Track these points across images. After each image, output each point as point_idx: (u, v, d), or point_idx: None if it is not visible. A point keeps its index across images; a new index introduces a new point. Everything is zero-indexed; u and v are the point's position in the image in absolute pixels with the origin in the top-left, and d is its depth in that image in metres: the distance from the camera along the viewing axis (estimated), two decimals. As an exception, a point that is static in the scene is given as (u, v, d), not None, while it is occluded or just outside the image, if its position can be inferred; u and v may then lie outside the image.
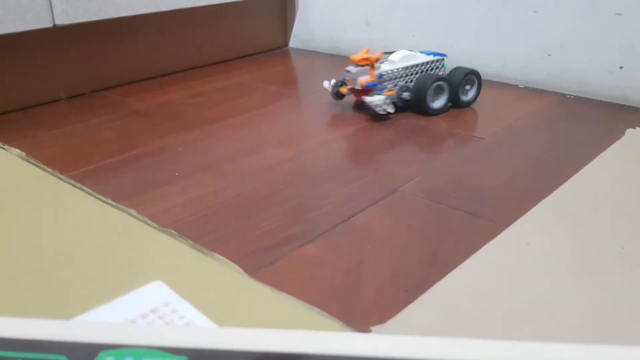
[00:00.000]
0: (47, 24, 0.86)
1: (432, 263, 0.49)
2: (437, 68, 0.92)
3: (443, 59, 0.93)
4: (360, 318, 0.41)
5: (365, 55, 0.84)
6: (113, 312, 0.24)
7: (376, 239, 0.53)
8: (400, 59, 0.88)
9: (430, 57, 0.91)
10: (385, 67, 0.86)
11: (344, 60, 1.22)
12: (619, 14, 0.88)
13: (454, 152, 0.73)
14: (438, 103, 0.87)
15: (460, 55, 1.07)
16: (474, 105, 0.91)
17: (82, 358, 0.21)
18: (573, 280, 0.40)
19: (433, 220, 0.56)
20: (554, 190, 0.55)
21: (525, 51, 0.99)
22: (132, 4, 0.95)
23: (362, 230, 0.55)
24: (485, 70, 1.05)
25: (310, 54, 1.28)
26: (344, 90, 0.89)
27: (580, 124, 0.83)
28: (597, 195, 0.54)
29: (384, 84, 0.86)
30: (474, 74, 0.90)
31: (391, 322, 0.34)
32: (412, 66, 0.89)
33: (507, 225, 0.53)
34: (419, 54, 0.92)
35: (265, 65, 1.18)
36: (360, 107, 0.91)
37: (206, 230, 0.55)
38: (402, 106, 0.88)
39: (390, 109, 0.84)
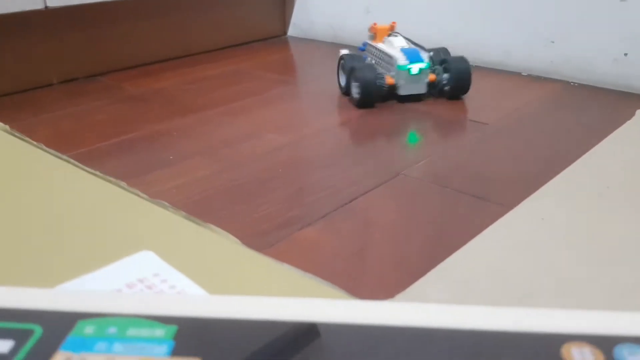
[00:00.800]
0: (39, 5, 0.83)
1: (438, 246, 0.47)
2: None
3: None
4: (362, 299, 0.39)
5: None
6: (97, 281, 0.22)
7: (379, 222, 0.51)
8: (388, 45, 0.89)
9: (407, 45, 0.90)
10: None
11: (344, 48, 1.20)
12: (624, 1, 0.86)
13: (457, 137, 0.71)
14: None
15: (463, 43, 1.05)
16: (477, 92, 0.89)
17: (58, 328, 0.19)
18: (589, 254, 0.39)
19: (438, 204, 0.54)
20: (566, 168, 0.53)
21: (529, 39, 0.97)
22: (127, -13, 0.93)
23: (364, 213, 0.53)
24: (489, 58, 1.03)
25: (310, 43, 1.26)
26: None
27: (584, 111, 0.81)
28: (609, 173, 0.52)
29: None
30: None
31: (399, 297, 0.32)
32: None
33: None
34: (410, 43, 0.90)
35: (264, 53, 1.16)
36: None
37: (202, 213, 0.52)
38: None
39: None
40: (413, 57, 0.82)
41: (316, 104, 0.84)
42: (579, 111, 0.80)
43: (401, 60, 0.81)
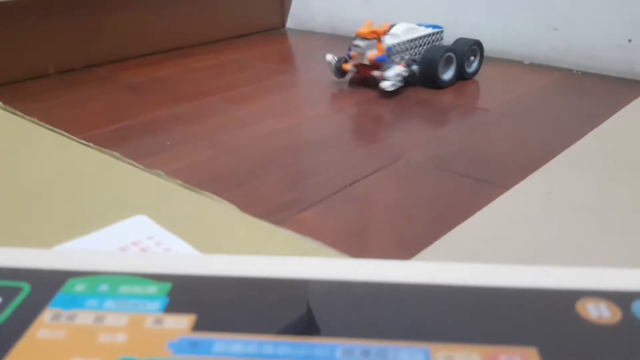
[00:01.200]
0: (35, -8, 0.82)
1: (440, 227, 0.46)
2: (437, 40, 0.90)
3: (442, 31, 0.91)
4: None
5: (373, 29, 0.80)
6: (89, 244, 0.21)
7: (380, 204, 0.50)
8: (403, 32, 0.85)
9: (431, 30, 0.89)
10: (390, 41, 0.83)
11: (343, 39, 1.19)
12: (628, -14, 0.85)
13: (459, 122, 0.70)
14: (447, 75, 0.84)
15: (463, 30, 1.04)
16: (478, 80, 0.88)
17: (47, 286, 0.18)
18: (597, 228, 0.38)
19: (440, 187, 0.53)
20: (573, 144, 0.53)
21: (531, 25, 0.96)
22: (124, -24, 0.92)
23: (365, 196, 0.52)
24: (489, 45, 1.02)
25: (308, 34, 1.25)
26: (347, 66, 0.85)
27: (587, 97, 0.80)
28: (617, 148, 0.51)
29: (392, 57, 0.82)
30: (477, 44, 0.87)
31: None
32: (415, 39, 0.86)
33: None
34: (419, 26, 0.89)
35: (263, 44, 1.15)
36: (362, 83, 0.88)
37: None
38: (410, 80, 0.84)
39: (401, 83, 0.80)
40: None
41: (315, 91, 0.84)
42: (583, 98, 0.79)
43: None
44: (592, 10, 0.89)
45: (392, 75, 0.79)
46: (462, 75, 0.86)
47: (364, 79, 0.86)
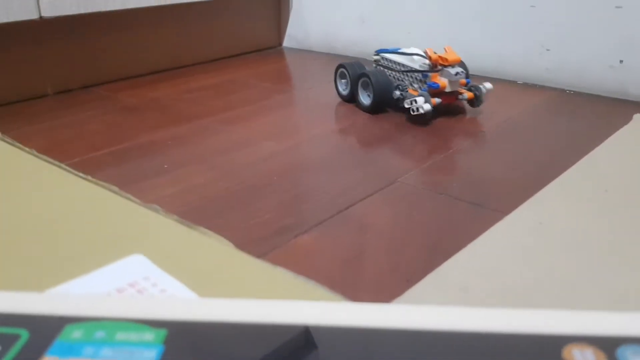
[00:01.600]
0: (33, 15, 0.83)
1: (435, 253, 0.47)
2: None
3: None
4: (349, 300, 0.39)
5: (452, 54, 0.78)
6: (85, 285, 0.21)
7: (375, 229, 0.51)
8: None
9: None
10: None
11: (339, 58, 1.20)
12: (619, 7, 0.87)
13: (454, 144, 0.71)
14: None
15: (457, 51, 1.05)
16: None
17: (46, 332, 0.18)
18: (588, 259, 0.38)
19: (435, 211, 0.54)
20: (563, 172, 0.53)
21: (524, 46, 0.97)
22: (121, -3, 0.92)
23: (360, 220, 0.52)
24: (483, 66, 1.03)
25: (305, 53, 1.26)
26: (435, 101, 0.77)
27: (580, 118, 0.80)
28: (607, 176, 0.52)
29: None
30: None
31: (397, 301, 0.32)
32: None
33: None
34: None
35: (259, 64, 1.16)
36: (442, 113, 0.88)
37: (196, 220, 0.52)
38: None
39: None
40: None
41: (312, 111, 0.84)
42: (575, 118, 0.80)
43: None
44: (584, 31, 0.90)
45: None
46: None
47: (447, 106, 0.85)
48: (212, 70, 1.11)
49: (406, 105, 0.77)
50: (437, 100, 0.77)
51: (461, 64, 0.82)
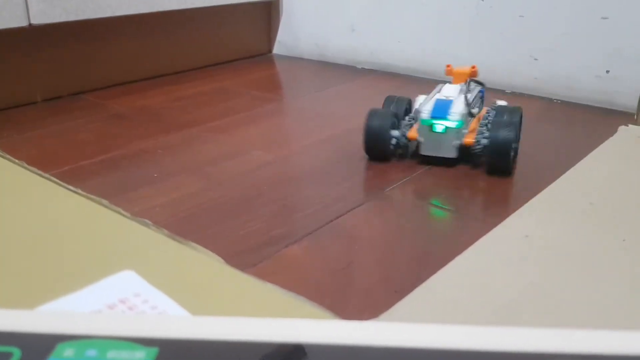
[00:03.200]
0: (23, 22, 0.83)
1: (423, 263, 0.47)
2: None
3: None
4: (349, 319, 0.39)
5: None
6: (76, 302, 0.21)
7: (364, 239, 0.51)
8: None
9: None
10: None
11: (329, 66, 1.21)
12: (605, 18, 0.88)
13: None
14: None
15: (446, 60, 1.06)
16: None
17: (37, 350, 0.18)
18: (574, 272, 0.39)
19: (423, 221, 0.54)
20: (549, 185, 0.54)
21: (512, 56, 0.98)
22: (112, 5, 0.93)
23: (349, 231, 0.53)
24: (472, 75, 1.04)
25: (295, 61, 1.26)
26: None
27: (568, 127, 0.81)
28: (592, 189, 0.52)
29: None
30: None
31: (384, 316, 0.32)
32: None
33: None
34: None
35: (249, 71, 1.16)
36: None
37: (186, 231, 0.52)
38: None
39: None
40: (439, 112, 0.66)
41: (302, 121, 0.85)
42: (563, 128, 0.81)
43: (425, 113, 0.67)
44: (572, 42, 0.92)
45: None
46: None
47: None
48: (202, 77, 1.11)
49: None
50: None
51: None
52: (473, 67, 0.73)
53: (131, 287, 0.22)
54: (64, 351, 0.18)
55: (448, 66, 0.73)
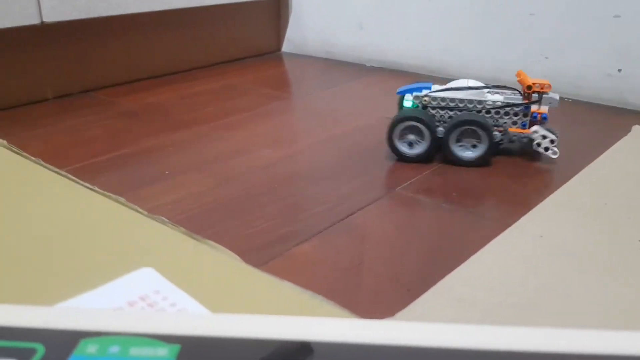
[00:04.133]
0: (35, 20, 0.83)
1: (435, 262, 0.47)
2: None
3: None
4: (361, 317, 0.39)
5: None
6: (97, 299, 0.22)
7: (375, 238, 0.51)
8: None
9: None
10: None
11: (337, 64, 1.20)
12: (617, 16, 0.87)
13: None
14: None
15: (455, 59, 1.06)
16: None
17: (61, 347, 0.18)
18: (589, 272, 0.39)
19: (434, 220, 0.54)
20: (563, 185, 0.54)
21: (522, 54, 0.98)
22: (122, 3, 0.93)
23: (360, 229, 0.53)
24: (481, 74, 1.04)
25: (303, 58, 1.26)
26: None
27: (580, 127, 0.81)
28: (606, 189, 0.52)
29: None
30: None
31: (400, 315, 0.32)
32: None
33: (511, 224, 0.51)
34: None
35: (258, 69, 1.16)
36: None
37: (197, 228, 0.52)
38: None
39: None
40: None
41: (310, 119, 0.85)
42: (574, 127, 0.81)
43: None
44: (583, 39, 0.91)
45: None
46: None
47: None
48: (211, 75, 1.11)
49: (543, 150, 0.67)
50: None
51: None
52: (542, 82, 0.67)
53: (151, 284, 0.22)
54: (87, 347, 0.18)
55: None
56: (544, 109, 0.68)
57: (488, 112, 0.67)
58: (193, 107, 0.90)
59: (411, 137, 0.68)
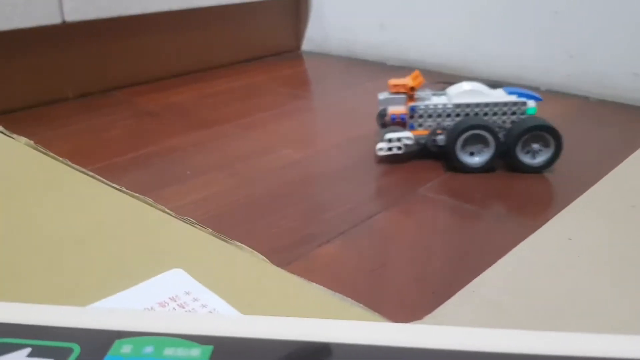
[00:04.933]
0: (56, 20, 0.84)
1: (460, 264, 0.47)
2: (511, 113, 0.67)
3: (525, 103, 0.67)
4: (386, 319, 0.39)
5: (403, 82, 0.70)
6: (128, 300, 0.21)
7: (399, 239, 0.51)
8: (458, 94, 0.68)
9: (504, 98, 0.67)
10: (434, 100, 0.69)
11: (358, 63, 1.20)
12: (643, 15, 0.86)
13: (475, 153, 0.70)
14: (475, 159, 0.66)
15: (479, 58, 1.05)
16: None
17: (96, 347, 0.18)
18: (618, 276, 0.38)
19: (458, 222, 0.54)
20: (588, 188, 0.53)
21: (546, 53, 0.97)
22: (143, 2, 0.93)
23: (383, 231, 0.52)
24: (505, 72, 1.03)
25: (324, 57, 1.26)
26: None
27: (606, 127, 0.80)
28: (634, 191, 0.51)
29: (418, 120, 0.68)
30: (548, 129, 0.64)
31: (427, 319, 0.32)
32: (468, 105, 0.67)
33: (537, 226, 0.51)
34: (489, 90, 0.68)
35: (278, 68, 1.16)
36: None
37: (219, 229, 0.52)
38: (436, 152, 0.68)
39: (398, 150, 0.67)
40: None
41: (331, 119, 0.84)
42: (601, 128, 0.80)
43: None
44: (609, 38, 0.90)
45: (381, 145, 0.67)
46: (515, 165, 0.65)
47: None
48: (231, 74, 1.11)
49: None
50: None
51: (397, 95, 0.71)
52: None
53: (181, 285, 0.22)
54: (121, 348, 0.18)
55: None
56: (398, 109, 0.69)
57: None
58: (214, 106, 0.90)
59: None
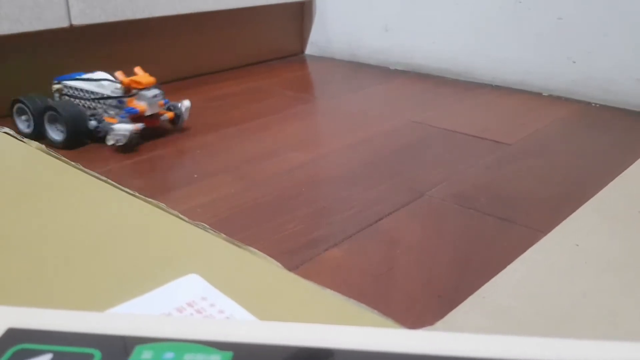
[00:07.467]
0: (64, 23, 0.84)
1: (465, 268, 0.47)
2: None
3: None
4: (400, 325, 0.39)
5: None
6: (146, 305, 0.22)
7: (405, 243, 0.51)
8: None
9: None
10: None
11: (362, 67, 1.21)
12: (647, 21, 0.86)
13: (480, 157, 0.71)
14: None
15: (482, 62, 1.05)
16: (498, 112, 0.89)
17: (117, 353, 0.19)
18: (626, 281, 0.38)
19: (463, 226, 0.54)
20: (594, 194, 0.53)
21: (550, 58, 0.97)
22: (149, 6, 0.94)
23: (389, 234, 0.53)
24: (509, 77, 1.03)
25: (327, 61, 1.26)
26: (138, 127, 0.74)
27: (607, 132, 0.80)
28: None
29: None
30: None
31: (439, 324, 0.32)
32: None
33: (542, 231, 0.51)
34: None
35: (282, 71, 1.17)
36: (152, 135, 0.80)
37: (227, 232, 0.52)
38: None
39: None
40: None
41: (336, 122, 0.85)
42: (602, 132, 0.80)
43: None
44: (611, 44, 0.90)
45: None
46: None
47: (152, 130, 0.79)
48: (235, 77, 1.12)
49: (109, 143, 0.73)
50: (139, 125, 0.73)
51: (156, 85, 0.77)
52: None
53: (198, 291, 0.23)
54: (142, 353, 0.18)
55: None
56: (142, 104, 0.74)
57: (97, 101, 0.77)
58: (220, 109, 0.91)
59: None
